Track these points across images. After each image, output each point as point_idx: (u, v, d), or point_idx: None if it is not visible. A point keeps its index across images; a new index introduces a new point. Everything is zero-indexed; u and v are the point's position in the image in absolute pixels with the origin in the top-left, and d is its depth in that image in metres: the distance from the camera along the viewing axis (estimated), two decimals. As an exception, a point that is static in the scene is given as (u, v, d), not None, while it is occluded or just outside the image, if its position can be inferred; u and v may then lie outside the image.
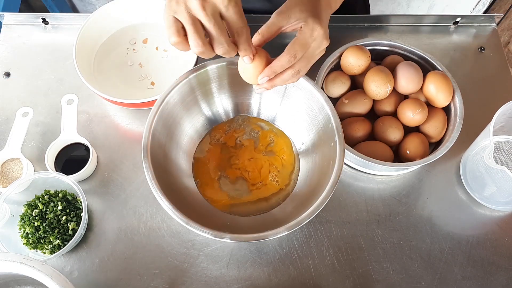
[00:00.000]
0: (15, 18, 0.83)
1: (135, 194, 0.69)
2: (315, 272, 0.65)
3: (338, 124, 0.61)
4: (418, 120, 0.69)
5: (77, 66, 0.70)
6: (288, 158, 0.69)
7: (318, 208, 0.56)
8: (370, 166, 0.68)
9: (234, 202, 0.67)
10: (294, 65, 0.51)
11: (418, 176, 0.72)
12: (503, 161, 0.72)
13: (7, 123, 0.74)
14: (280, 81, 0.52)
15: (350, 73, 0.73)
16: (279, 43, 0.57)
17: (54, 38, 0.82)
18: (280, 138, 0.71)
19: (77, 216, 0.65)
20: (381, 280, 0.65)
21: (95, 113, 0.75)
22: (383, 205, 0.69)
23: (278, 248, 0.66)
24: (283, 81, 0.52)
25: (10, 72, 0.79)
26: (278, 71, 0.51)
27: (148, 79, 0.77)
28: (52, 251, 0.63)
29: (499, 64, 0.81)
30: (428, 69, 0.73)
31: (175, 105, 0.65)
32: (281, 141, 0.71)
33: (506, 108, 0.64)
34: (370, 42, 0.75)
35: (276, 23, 0.52)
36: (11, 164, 0.69)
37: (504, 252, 0.67)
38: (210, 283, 0.64)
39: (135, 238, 0.66)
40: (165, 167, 0.63)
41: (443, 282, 0.65)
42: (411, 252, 0.66)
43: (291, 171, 0.69)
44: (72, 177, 0.65)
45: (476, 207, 0.70)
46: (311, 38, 0.51)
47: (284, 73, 0.52)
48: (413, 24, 0.85)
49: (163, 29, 0.81)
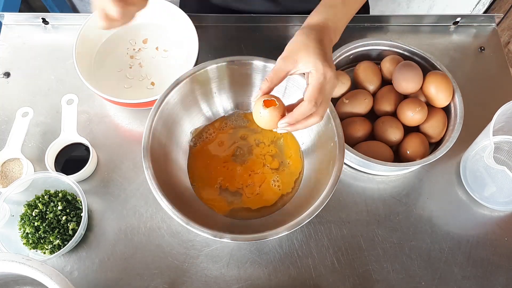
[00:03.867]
0: (15, 18, 0.83)
1: (135, 194, 0.69)
2: (315, 272, 0.65)
3: (338, 124, 0.61)
4: (418, 119, 0.69)
5: (77, 66, 0.70)
6: (294, 163, 0.68)
7: (318, 208, 0.56)
8: (370, 166, 0.68)
9: (233, 207, 0.66)
10: (318, 111, 0.52)
11: (418, 176, 0.72)
12: (503, 161, 0.72)
13: (7, 123, 0.74)
14: (304, 126, 0.54)
15: None
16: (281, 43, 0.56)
17: (54, 38, 0.82)
18: (289, 141, 0.70)
19: (77, 216, 0.65)
20: (381, 280, 0.65)
21: (95, 113, 0.75)
22: (383, 205, 0.69)
23: (278, 248, 0.66)
24: (306, 126, 0.54)
25: (10, 72, 0.78)
26: (300, 119, 0.52)
27: (148, 79, 0.77)
28: (52, 251, 0.63)
29: (499, 64, 0.81)
30: (428, 69, 0.73)
31: (175, 105, 0.65)
32: (290, 144, 0.70)
33: (506, 108, 0.64)
34: (370, 42, 0.75)
35: (283, 68, 0.53)
36: (11, 164, 0.69)
37: (504, 252, 0.67)
38: (210, 283, 0.64)
39: (135, 238, 0.66)
40: (165, 167, 0.63)
41: (443, 282, 0.65)
42: (411, 252, 0.66)
43: (295, 179, 0.68)
44: (72, 177, 0.65)
45: (476, 207, 0.70)
46: (325, 81, 0.52)
47: (308, 119, 0.53)
48: (413, 24, 0.85)
49: (163, 29, 0.81)
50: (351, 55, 0.76)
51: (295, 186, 0.67)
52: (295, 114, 0.52)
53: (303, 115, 0.52)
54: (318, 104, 0.52)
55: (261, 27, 0.83)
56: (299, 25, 0.82)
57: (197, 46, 0.74)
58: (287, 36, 0.54)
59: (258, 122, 0.55)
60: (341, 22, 0.59)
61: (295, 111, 0.52)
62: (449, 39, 0.84)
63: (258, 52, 0.65)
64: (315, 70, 0.52)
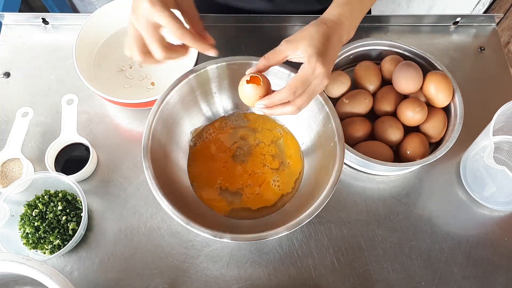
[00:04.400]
0: (15, 18, 0.83)
1: (135, 194, 0.69)
2: (315, 272, 0.65)
3: (338, 124, 0.61)
4: (418, 119, 0.69)
5: (77, 66, 0.70)
6: (294, 163, 0.68)
7: (318, 208, 0.56)
8: (370, 166, 0.68)
9: (233, 207, 0.66)
10: (295, 100, 0.53)
11: (418, 176, 0.72)
12: (503, 161, 0.72)
13: (7, 123, 0.74)
14: (280, 112, 0.54)
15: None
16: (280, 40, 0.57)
17: (54, 38, 0.82)
18: (289, 141, 0.70)
19: (77, 216, 0.65)
20: (381, 280, 0.65)
21: (95, 113, 0.75)
22: (383, 205, 0.69)
23: (278, 248, 0.66)
24: (282, 113, 0.54)
25: (10, 72, 0.78)
26: (276, 103, 0.53)
27: (148, 79, 0.77)
28: (52, 251, 0.63)
29: (499, 64, 0.81)
30: (428, 69, 0.73)
31: (175, 105, 0.65)
32: (290, 144, 0.70)
33: (506, 108, 0.64)
34: (370, 42, 0.75)
35: (283, 51, 0.53)
36: (11, 164, 0.69)
37: (504, 252, 0.67)
38: (210, 283, 0.64)
39: (135, 238, 0.66)
40: (165, 167, 0.63)
41: (443, 282, 0.65)
42: (411, 252, 0.66)
43: (295, 179, 0.68)
44: (72, 177, 0.65)
45: (476, 207, 0.70)
46: (312, 76, 0.52)
47: (285, 106, 0.54)
48: (413, 24, 0.85)
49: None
50: (351, 55, 0.76)
51: (295, 186, 0.67)
52: (272, 97, 0.53)
53: (280, 101, 0.53)
54: (297, 94, 0.52)
55: (261, 27, 0.83)
56: (300, 25, 0.83)
57: (197, 46, 0.73)
58: (287, 36, 0.54)
59: (240, 95, 0.57)
60: (356, 20, 0.59)
61: (273, 95, 0.53)
62: (449, 39, 0.84)
63: (258, 52, 0.65)
64: (307, 62, 0.52)
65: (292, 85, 0.52)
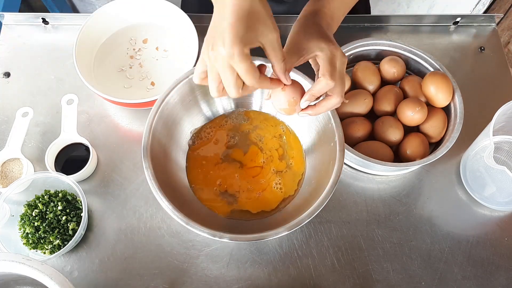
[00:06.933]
0: (15, 18, 0.83)
1: (135, 194, 0.69)
2: (315, 272, 0.65)
3: (338, 124, 0.61)
4: (418, 119, 0.69)
5: (77, 66, 0.70)
6: (297, 164, 0.68)
7: (318, 208, 0.56)
8: (370, 166, 0.68)
9: (233, 209, 0.66)
10: (335, 89, 0.51)
11: (418, 176, 0.72)
12: (503, 161, 0.72)
13: (7, 123, 0.74)
14: (325, 109, 0.53)
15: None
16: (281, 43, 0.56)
17: (54, 38, 0.82)
18: (292, 140, 0.70)
19: (77, 216, 0.65)
20: (381, 280, 0.65)
21: (95, 113, 0.75)
22: (383, 205, 0.69)
23: (278, 248, 0.66)
24: (327, 108, 0.53)
25: (10, 72, 0.78)
26: (317, 95, 0.52)
27: (148, 79, 0.77)
28: (52, 251, 0.63)
29: (499, 64, 0.81)
30: (428, 69, 0.73)
31: (175, 105, 0.65)
32: (293, 143, 0.69)
33: (506, 108, 0.64)
34: (370, 42, 0.75)
35: (291, 61, 0.52)
36: (11, 164, 0.69)
37: (504, 252, 0.67)
38: (210, 283, 0.64)
39: (135, 238, 0.66)
40: (165, 167, 0.63)
41: (443, 282, 0.65)
42: (411, 252, 0.66)
43: (298, 180, 0.67)
44: (72, 177, 0.65)
45: (476, 207, 0.70)
46: (334, 58, 0.51)
47: (329, 101, 0.52)
48: (413, 24, 0.85)
49: (164, 29, 0.81)
50: (351, 55, 0.76)
51: (297, 188, 0.67)
52: (313, 91, 0.51)
53: (320, 92, 0.51)
54: (335, 78, 0.50)
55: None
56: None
57: (197, 46, 0.74)
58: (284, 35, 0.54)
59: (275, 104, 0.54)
60: (338, 10, 0.58)
61: (312, 88, 0.51)
62: (449, 39, 0.84)
63: (258, 52, 0.65)
64: (320, 51, 0.51)
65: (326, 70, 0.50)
